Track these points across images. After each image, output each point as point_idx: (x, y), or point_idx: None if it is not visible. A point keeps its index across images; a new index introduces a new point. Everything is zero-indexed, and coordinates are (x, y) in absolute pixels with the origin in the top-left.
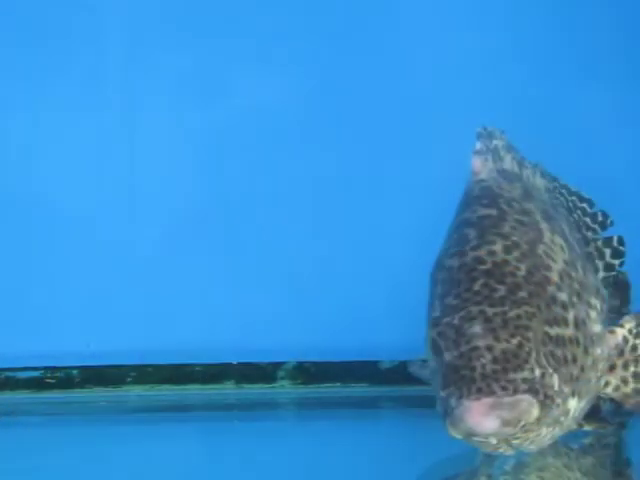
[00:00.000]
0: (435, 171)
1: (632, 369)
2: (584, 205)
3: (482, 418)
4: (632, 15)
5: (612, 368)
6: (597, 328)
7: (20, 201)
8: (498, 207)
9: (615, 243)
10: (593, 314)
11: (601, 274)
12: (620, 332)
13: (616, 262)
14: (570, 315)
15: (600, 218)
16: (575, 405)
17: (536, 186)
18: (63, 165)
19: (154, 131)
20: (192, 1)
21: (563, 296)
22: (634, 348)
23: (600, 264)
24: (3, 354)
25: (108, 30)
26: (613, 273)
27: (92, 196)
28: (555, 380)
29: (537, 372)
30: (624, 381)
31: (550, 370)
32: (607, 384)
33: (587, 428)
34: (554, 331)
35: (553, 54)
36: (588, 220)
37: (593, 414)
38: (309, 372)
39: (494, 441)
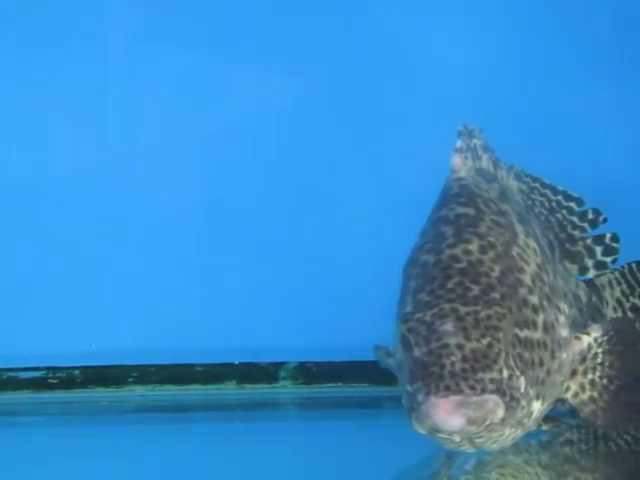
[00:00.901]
0: (436, 171)
1: (590, 376)
2: (571, 204)
3: (448, 415)
4: (631, 15)
5: (574, 373)
6: (564, 332)
7: (21, 202)
8: (476, 206)
9: (608, 240)
10: (561, 318)
11: (592, 272)
12: (586, 339)
13: (608, 260)
14: (540, 318)
15: (591, 216)
16: (539, 407)
17: (509, 187)
18: (63, 165)
19: (154, 131)
20: (192, 1)
21: (534, 299)
22: (595, 356)
23: (590, 262)
24: (5, 354)
25: (108, 30)
26: (606, 271)
27: (93, 196)
28: (522, 382)
29: (505, 373)
30: (582, 388)
31: (517, 372)
32: (568, 389)
33: (544, 428)
34: (523, 333)
35: (552, 55)
36: (575, 219)
37: (548, 414)
38: (311, 372)
39: (457, 439)
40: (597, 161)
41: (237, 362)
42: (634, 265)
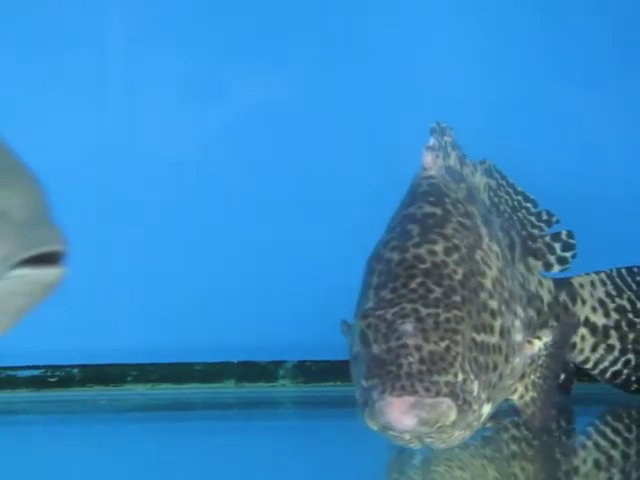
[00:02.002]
0: None
1: (532, 377)
2: (528, 205)
3: (401, 415)
4: (629, 16)
5: (522, 376)
6: (519, 337)
7: None
8: (443, 207)
9: (564, 237)
10: (517, 323)
11: (556, 267)
12: (537, 344)
13: (568, 254)
14: (497, 323)
15: (545, 217)
16: (488, 410)
17: (475, 185)
18: (61, 166)
19: (154, 130)
20: (192, 1)
21: (493, 304)
22: (539, 359)
23: (552, 258)
24: (4, 353)
25: (108, 30)
26: (568, 265)
27: (92, 196)
28: (475, 386)
29: (460, 377)
30: (526, 389)
31: (472, 376)
32: (515, 391)
33: (488, 425)
34: (480, 337)
35: (552, 55)
36: (533, 219)
37: None
38: (310, 371)
39: (407, 437)
40: (597, 161)
41: (236, 361)
42: (624, 270)
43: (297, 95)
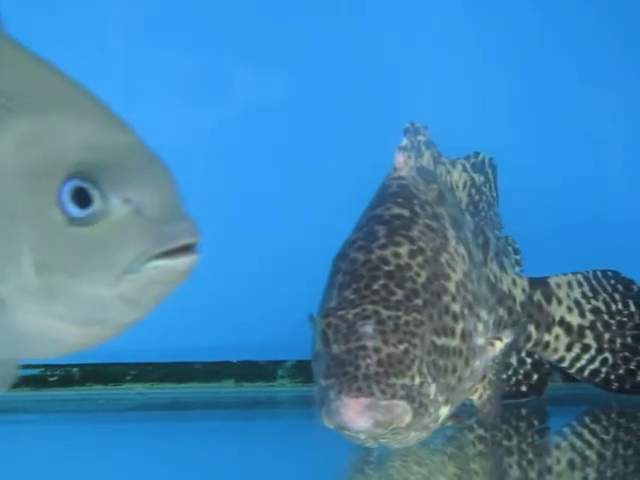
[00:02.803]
0: None
1: (489, 376)
2: (494, 204)
3: (356, 416)
4: (630, 16)
5: (483, 377)
6: (481, 341)
7: None
8: (411, 209)
9: (511, 242)
10: (480, 327)
11: (517, 268)
12: (498, 345)
13: (518, 257)
14: (459, 327)
15: (497, 219)
16: (446, 412)
17: (453, 183)
18: None
19: (154, 129)
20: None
21: (456, 307)
22: (497, 358)
23: (513, 259)
24: None
25: (108, 30)
26: (522, 267)
27: None
28: (432, 389)
29: (417, 380)
30: (484, 388)
31: (429, 379)
32: (475, 391)
33: (448, 424)
34: (441, 341)
35: (553, 55)
36: (497, 220)
37: None
38: (309, 370)
39: (363, 437)
40: (598, 161)
41: (235, 360)
42: (599, 273)
43: (297, 94)
